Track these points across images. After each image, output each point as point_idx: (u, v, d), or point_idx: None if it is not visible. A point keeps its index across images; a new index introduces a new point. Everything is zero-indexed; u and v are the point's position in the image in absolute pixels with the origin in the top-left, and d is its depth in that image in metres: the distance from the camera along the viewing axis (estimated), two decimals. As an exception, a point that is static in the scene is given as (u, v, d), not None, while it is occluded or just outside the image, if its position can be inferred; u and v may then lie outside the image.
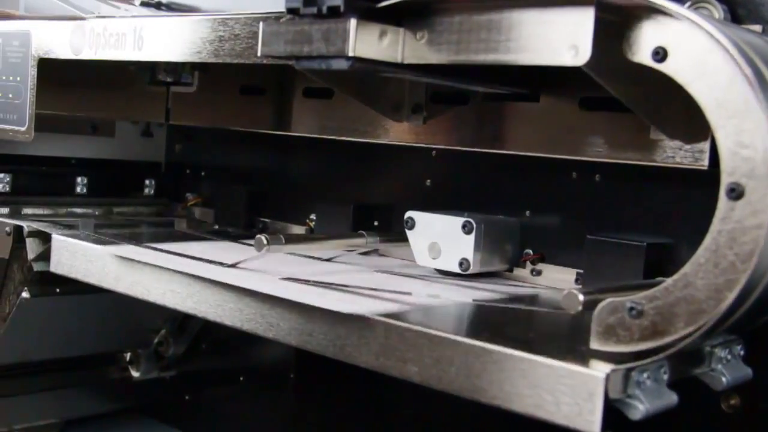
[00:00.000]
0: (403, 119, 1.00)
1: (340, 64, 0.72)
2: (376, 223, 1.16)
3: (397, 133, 1.05)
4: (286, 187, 1.29)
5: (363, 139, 1.06)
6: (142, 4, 1.28)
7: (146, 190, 1.41)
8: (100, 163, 1.39)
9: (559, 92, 0.90)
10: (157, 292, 0.96)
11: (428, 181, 1.11)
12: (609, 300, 0.66)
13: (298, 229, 1.24)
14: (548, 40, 0.66)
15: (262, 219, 1.30)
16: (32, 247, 1.13)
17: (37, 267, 1.13)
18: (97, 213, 1.34)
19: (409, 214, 1.01)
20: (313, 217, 1.22)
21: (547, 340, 0.77)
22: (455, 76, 0.82)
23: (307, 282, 0.90)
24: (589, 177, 0.97)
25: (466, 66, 0.75)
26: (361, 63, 0.72)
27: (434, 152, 1.10)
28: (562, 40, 0.65)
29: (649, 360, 0.64)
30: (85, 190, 1.33)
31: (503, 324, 0.82)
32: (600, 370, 0.62)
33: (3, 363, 1.25)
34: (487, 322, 0.83)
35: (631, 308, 0.65)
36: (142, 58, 0.99)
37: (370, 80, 0.95)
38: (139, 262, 0.98)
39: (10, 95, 1.16)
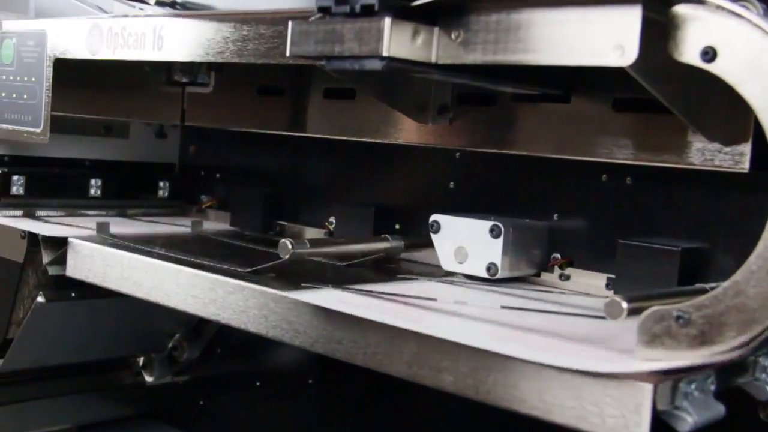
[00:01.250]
0: (428, 120, 0.98)
1: (374, 65, 0.70)
2: (397, 226, 1.14)
3: (422, 134, 1.02)
4: (303, 190, 1.26)
5: (386, 141, 1.04)
6: (158, 3, 1.25)
7: (160, 192, 1.39)
8: (114, 165, 1.37)
9: (591, 93, 0.88)
10: (177, 297, 0.94)
11: (452, 183, 1.09)
12: (655, 308, 0.64)
13: (317, 232, 1.22)
14: (592, 39, 0.64)
15: (280, 222, 1.27)
16: (47, 251, 1.11)
17: (52, 271, 1.11)
18: (109, 214, 1.32)
19: (434, 217, 0.99)
20: (332, 219, 1.20)
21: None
22: (488, 76, 0.80)
23: (330, 287, 0.88)
24: (620, 180, 0.94)
25: (499, 66, 0.73)
26: (395, 63, 0.70)
27: (458, 154, 1.08)
28: (607, 39, 0.63)
29: (697, 370, 0.62)
30: (99, 192, 1.30)
31: (538, 331, 0.79)
32: (647, 380, 0.60)
33: (16, 368, 1.23)
34: (520, 330, 0.81)
35: (679, 317, 0.63)
36: (162, 59, 0.97)
37: (396, 80, 0.93)
38: (159, 267, 0.96)
39: (25, 96, 1.14)
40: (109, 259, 1.02)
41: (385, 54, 0.69)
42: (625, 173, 0.94)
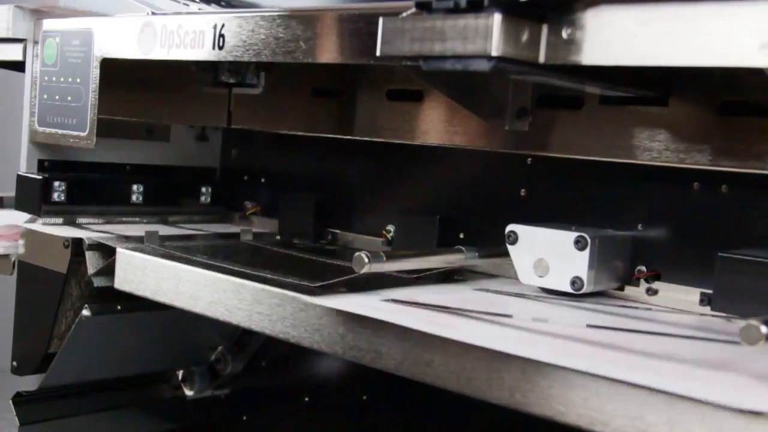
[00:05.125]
0: (506, 124, 0.92)
1: (481, 65, 0.64)
2: (461, 236, 1.08)
3: (493, 138, 0.97)
4: (357, 196, 1.20)
5: (456, 145, 0.98)
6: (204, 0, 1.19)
7: (202, 198, 1.32)
8: (155, 170, 1.31)
9: (692, 95, 0.82)
10: (240, 313, 0.88)
11: (523, 190, 1.03)
12: (801, 333, 0.58)
13: (373, 241, 1.16)
14: (733, 38, 0.58)
15: (332, 230, 1.21)
16: (93, 261, 1.05)
17: (97, 282, 1.05)
18: (151, 222, 1.25)
19: (511, 227, 0.93)
20: (390, 228, 1.13)
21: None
22: (589, 77, 0.74)
23: (412, 304, 0.82)
24: (714, 188, 0.88)
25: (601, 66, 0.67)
26: (502, 64, 0.64)
27: (529, 159, 1.02)
28: (751, 38, 0.57)
29: None
30: (140, 199, 1.24)
31: (638, 354, 0.73)
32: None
33: (57, 383, 1.17)
34: (613, 350, 0.74)
35: (831, 344, 0.57)
36: (223, 59, 0.91)
37: (475, 81, 0.87)
38: (219, 280, 0.90)
39: (69, 98, 1.08)
40: (162, 271, 0.96)
41: (494, 54, 0.63)
42: (720, 181, 0.87)
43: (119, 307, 1.10)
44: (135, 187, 1.24)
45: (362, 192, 1.19)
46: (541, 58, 0.67)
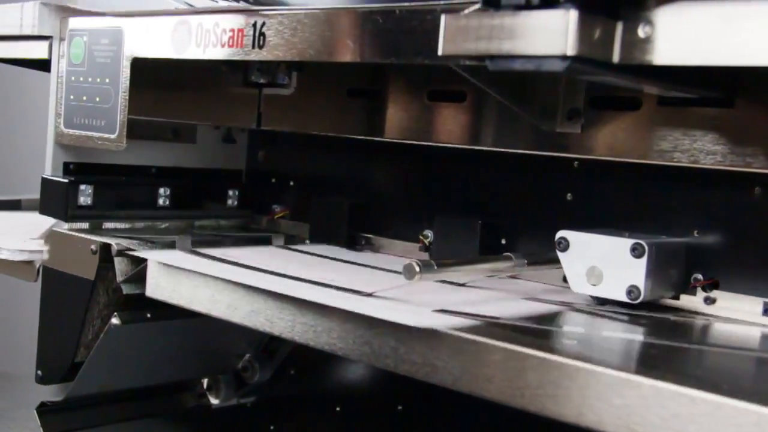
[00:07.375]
0: (556, 126, 0.88)
1: (554, 65, 0.60)
2: (503, 241, 1.04)
3: (542, 141, 0.93)
4: (392, 200, 1.16)
5: (506, 149, 0.95)
6: (233, -3, 1.16)
7: (229, 201, 1.29)
8: (180, 172, 1.27)
9: (760, 96, 0.78)
10: (282, 324, 0.85)
11: (569, 195, 0.99)
12: None
13: (410, 246, 1.12)
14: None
15: (365, 234, 1.17)
16: (121, 268, 1.02)
17: (126, 290, 1.01)
18: (178, 226, 1.22)
19: (562, 233, 0.89)
20: (427, 233, 1.10)
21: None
22: (663, 78, 0.70)
23: (466, 315, 0.78)
24: (776, 193, 0.85)
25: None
26: (576, 64, 0.61)
27: (576, 163, 0.98)
28: None
29: None
30: (167, 202, 1.20)
31: (716, 370, 0.70)
32: None
33: (84, 393, 1.14)
34: (692, 367, 0.71)
35: None
36: (263, 58, 0.87)
37: (529, 81, 0.84)
38: (260, 289, 0.86)
39: (97, 99, 1.05)
40: (198, 279, 0.92)
41: (569, 53, 0.59)
42: (783, 186, 0.84)
43: (149, 315, 1.07)
44: (162, 190, 1.20)
45: (398, 196, 1.16)
46: (615, 58, 0.63)
